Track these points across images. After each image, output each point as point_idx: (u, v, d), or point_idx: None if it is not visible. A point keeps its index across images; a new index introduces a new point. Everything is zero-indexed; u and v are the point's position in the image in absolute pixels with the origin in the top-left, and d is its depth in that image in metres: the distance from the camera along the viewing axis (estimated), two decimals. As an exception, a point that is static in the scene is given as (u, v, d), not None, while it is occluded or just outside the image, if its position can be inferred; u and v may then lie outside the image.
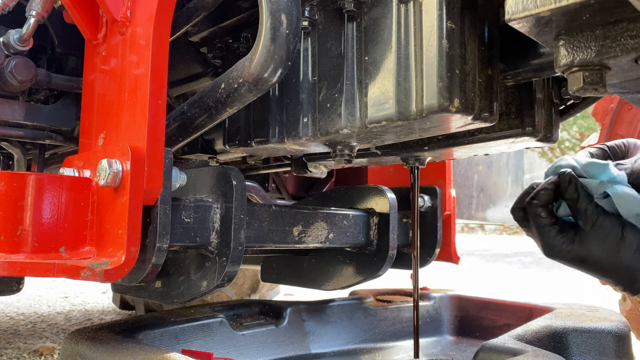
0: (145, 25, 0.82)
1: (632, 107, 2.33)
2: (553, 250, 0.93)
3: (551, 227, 0.93)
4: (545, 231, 0.94)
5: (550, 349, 1.05)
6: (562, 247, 0.92)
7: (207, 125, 0.92)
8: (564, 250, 0.92)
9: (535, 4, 0.61)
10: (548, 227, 0.93)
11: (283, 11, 0.78)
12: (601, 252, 0.90)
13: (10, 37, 0.99)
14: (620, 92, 0.76)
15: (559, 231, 0.92)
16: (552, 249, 0.93)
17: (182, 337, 1.17)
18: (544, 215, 0.94)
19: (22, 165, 1.38)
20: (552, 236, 0.93)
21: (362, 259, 1.30)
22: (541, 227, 0.94)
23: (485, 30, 0.85)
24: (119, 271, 0.76)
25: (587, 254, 0.91)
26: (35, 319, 2.73)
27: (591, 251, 0.90)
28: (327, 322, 1.43)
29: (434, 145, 1.15)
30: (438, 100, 0.78)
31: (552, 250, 0.93)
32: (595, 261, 0.91)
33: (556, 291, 4.14)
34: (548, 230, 0.93)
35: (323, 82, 0.95)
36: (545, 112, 1.03)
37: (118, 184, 0.78)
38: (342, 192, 1.39)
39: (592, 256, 0.90)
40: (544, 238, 0.94)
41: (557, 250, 0.93)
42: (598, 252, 0.90)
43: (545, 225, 0.93)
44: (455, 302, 1.65)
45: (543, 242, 0.94)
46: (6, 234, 0.77)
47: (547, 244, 0.94)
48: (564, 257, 0.93)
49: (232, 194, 0.94)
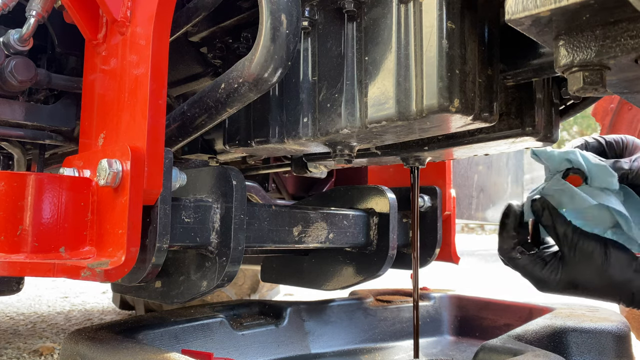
0: (145, 25, 0.82)
1: (632, 107, 2.33)
2: (544, 284, 0.92)
3: (533, 263, 0.92)
4: (528, 269, 0.93)
5: (550, 349, 1.05)
6: (551, 278, 0.90)
7: (207, 125, 0.92)
8: (553, 281, 0.90)
9: (535, 4, 0.61)
10: (529, 264, 0.92)
11: (283, 11, 0.78)
12: (589, 274, 0.88)
13: (10, 37, 0.99)
14: (620, 92, 0.76)
15: (543, 264, 0.91)
16: (542, 283, 0.92)
17: (182, 337, 1.17)
18: (518, 256, 0.93)
19: (22, 165, 1.38)
20: (537, 270, 0.92)
21: (362, 259, 1.30)
22: (523, 267, 0.93)
23: (485, 30, 0.85)
24: (119, 271, 0.76)
25: (577, 279, 0.89)
26: (35, 319, 2.73)
27: (579, 275, 0.88)
28: (327, 322, 1.43)
29: (434, 145, 1.15)
30: (438, 100, 0.78)
31: (543, 283, 0.92)
32: (586, 285, 0.88)
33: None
34: (531, 267, 0.92)
35: (323, 82, 0.95)
36: (545, 112, 1.03)
37: (118, 184, 0.78)
38: (342, 192, 1.39)
39: (581, 280, 0.88)
40: (530, 275, 0.93)
41: (547, 282, 0.91)
42: (586, 275, 0.88)
43: (525, 264, 0.93)
44: (455, 302, 1.65)
45: (531, 278, 0.93)
46: (6, 234, 0.77)
47: (535, 278, 0.93)
48: (555, 287, 0.91)
49: (232, 194, 0.94)
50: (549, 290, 0.93)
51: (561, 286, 0.91)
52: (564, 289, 0.91)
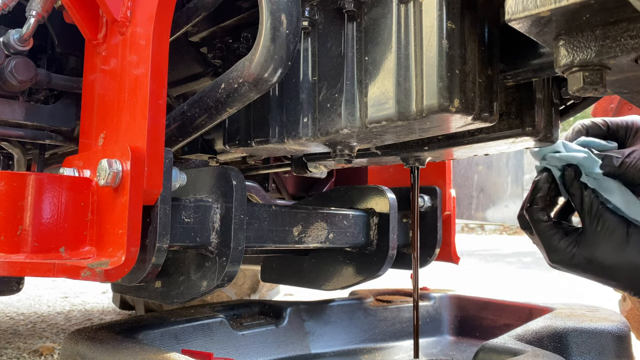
0: (145, 25, 0.82)
1: (632, 107, 2.33)
2: (558, 255, 0.89)
3: (554, 230, 0.90)
4: (548, 235, 0.90)
5: (550, 349, 1.05)
6: (567, 250, 0.88)
7: (207, 125, 0.92)
8: (569, 254, 0.88)
9: (535, 4, 0.61)
10: (550, 230, 0.90)
11: (283, 11, 0.78)
12: (607, 251, 0.86)
13: (10, 37, 0.99)
14: (620, 92, 0.76)
15: (563, 234, 0.89)
16: (557, 253, 0.89)
17: (182, 337, 1.17)
18: (544, 218, 0.91)
19: (22, 165, 1.38)
20: (556, 239, 0.89)
21: (362, 259, 1.30)
22: (543, 231, 0.91)
23: (485, 30, 0.85)
24: (119, 271, 0.76)
25: (593, 255, 0.87)
26: (35, 319, 2.73)
27: (597, 251, 0.86)
28: (327, 322, 1.43)
29: (434, 145, 1.15)
30: (438, 100, 0.78)
31: (557, 254, 0.89)
32: (601, 262, 0.86)
33: (556, 291, 4.15)
34: (551, 234, 0.90)
35: (323, 82, 0.95)
36: (545, 112, 1.03)
37: (118, 184, 0.78)
38: (342, 192, 1.39)
39: (598, 257, 0.86)
40: (548, 242, 0.90)
41: (562, 254, 0.89)
42: (604, 252, 0.86)
43: (547, 229, 0.90)
44: (455, 302, 1.65)
45: (547, 246, 0.91)
46: (6, 234, 0.77)
47: (551, 247, 0.90)
48: (569, 261, 0.89)
49: (232, 194, 0.94)
50: (562, 264, 0.90)
51: (575, 261, 0.88)
52: (576, 265, 0.89)
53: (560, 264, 0.91)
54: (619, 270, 0.87)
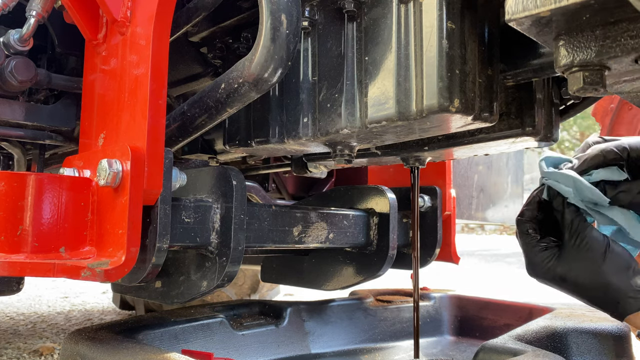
0: (145, 25, 0.82)
1: (632, 107, 2.33)
2: (535, 267, 0.91)
3: (536, 243, 0.91)
4: (529, 247, 0.92)
5: (550, 349, 1.05)
6: (544, 264, 0.90)
7: (207, 125, 0.92)
8: (544, 268, 0.90)
9: (535, 4, 0.61)
10: (533, 243, 0.92)
11: (283, 11, 0.78)
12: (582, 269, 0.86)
13: (11, 37, 0.99)
14: (620, 92, 0.76)
15: (542, 249, 0.91)
16: (534, 266, 0.91)
17: (182, 337, 1.17)
18: (530, 231, 0.93)
19: (22, 165, 1.38)
20: (535, 252, 0.91)
21: (362, 259, 1.30)
22: (526, 243, 0.93)
23: (485, 30, 0.85)
24: (119, 271, 0.76)
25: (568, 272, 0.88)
26: (35, 319, 2.73)
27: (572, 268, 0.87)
28: (327, 322, 1.43)
29: (434, 145, 1.15)
30: (438, 100, 0.78)
31: (534, 267, 0.92)
32: (575, 280, 0.87)
33: (556, 291, 4.14)
34: (532, 246, 0.92)
35: (323, 82, 0.95)
36: (545, 112, 1.03)
37: (118, 184, 0.78)
38: (342, 192, 1.39)
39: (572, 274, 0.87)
40: (528, 253, 0.93)
41: (539, 268, 0.91)
42: (578, 270, 0.87)
43: (530, 241, 0.92)
44: (455, 302, 1.65)
45: (526, 258, 0.93)
46: (6, 234, 0.77)
47: (530, 260, 0.92)
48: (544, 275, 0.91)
49: (232, 194, 0.94)
50: (537, 275, 0.92)
51: (549, 275, 0.90)
52: (551, 279, 0.90)
53: (536, 277, 0.93)
54: (592, 288, 0.87)
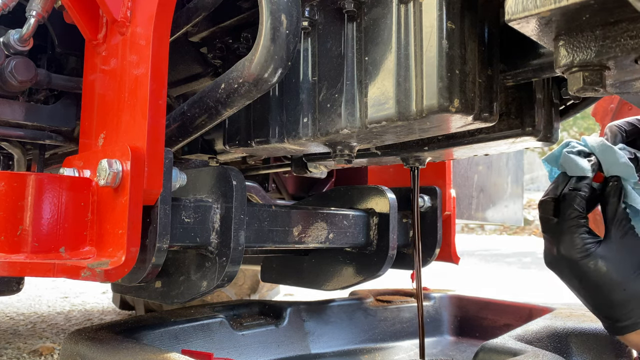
0: (146, 25, 0.82)
1: (632, 107, 2.33)
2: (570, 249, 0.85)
3: (582, 222, 0.86)
4: (573, 224, 0.86)
5: (550, 349, 1.05)
6: (583, 247, 0.84)
7: (207, 125, 0.92)
8: (582, 251, 0.84)
9: (535, 4, 0.61)
10: (579, 221, 0.86)
11: (283, 11, 0.78)
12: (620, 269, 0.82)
13: (10, 37, 0.99)
14: (620, 92, 0.76)
15: (588, 230, 0.85)
16: (570, 247, 0.85)
17: (182, 337, 1.17)
18: (580, 209, 0.86)
19: (22, 165, 1.38)
20: (580, 232, 0.85)
21: (362, 259, 1.30)
22: (572, 220, 0.86)
23: (485, 31, 0.85)
24: (119, 271, 0.76)
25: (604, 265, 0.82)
26: (35, 319, 2.73)
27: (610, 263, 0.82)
28: (327, 322, 1.43)
29: (434, 146, 1.15)
30: (438, 100, 0.78)
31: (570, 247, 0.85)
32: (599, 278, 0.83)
33: (556, 291, 4.15)
34: (577, 225, 0.85)
35: (323, 82, 0.95)
36: (545, 112, 1.03)
37: (118, 184, 0.78)
38: (342, 192, 1.39)
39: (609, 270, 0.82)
40: (569, 232, 0.86)
41: (575, 250, 0.85)
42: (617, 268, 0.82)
43: (577, 218, 0.86)
44: (455, 302, 1.65)
45: (566, 236, 0.86)
46: (6, 234, 0.77)
47: (568, 239, 0.85)
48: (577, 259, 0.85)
49: (232, 194, 0.94)
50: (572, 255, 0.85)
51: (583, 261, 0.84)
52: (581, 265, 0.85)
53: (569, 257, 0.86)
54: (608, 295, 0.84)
